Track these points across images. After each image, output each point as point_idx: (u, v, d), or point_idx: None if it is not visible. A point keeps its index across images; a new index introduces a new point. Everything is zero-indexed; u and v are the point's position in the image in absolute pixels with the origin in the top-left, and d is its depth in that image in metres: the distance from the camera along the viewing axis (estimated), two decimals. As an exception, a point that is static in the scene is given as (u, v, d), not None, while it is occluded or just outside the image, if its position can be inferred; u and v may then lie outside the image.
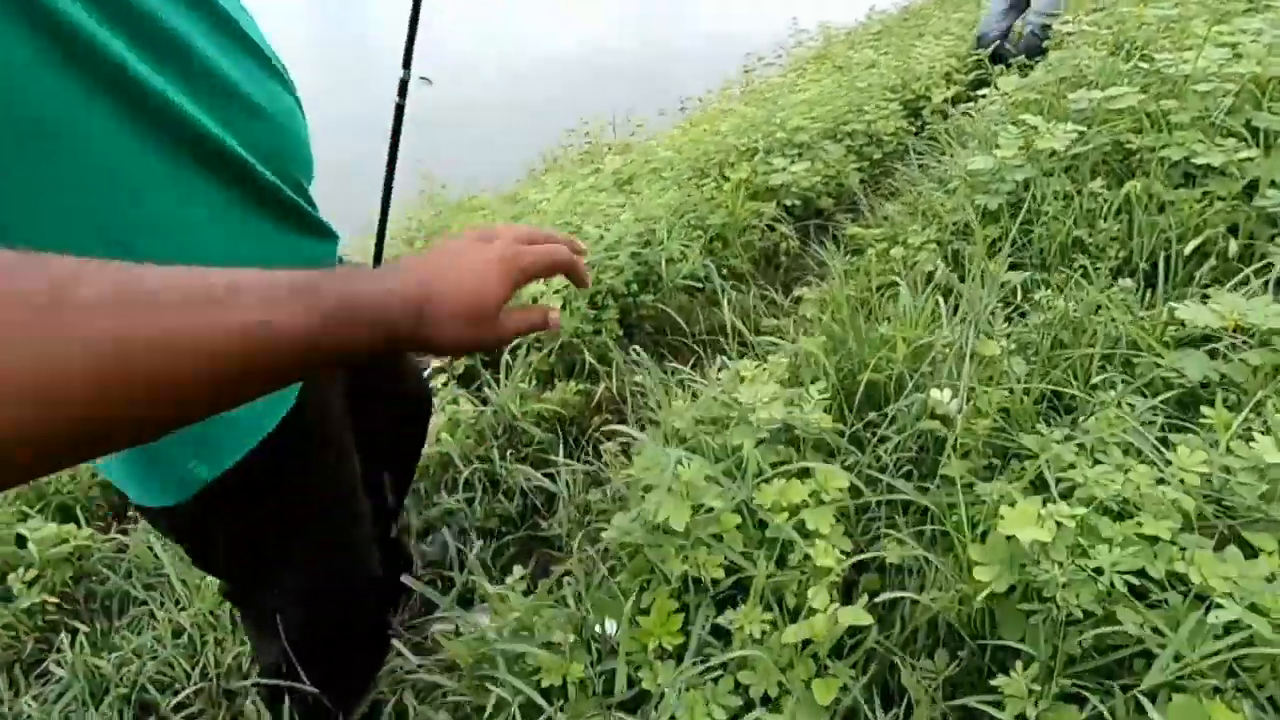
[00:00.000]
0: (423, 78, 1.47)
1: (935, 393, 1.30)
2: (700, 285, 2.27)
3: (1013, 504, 0.92)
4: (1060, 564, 0.85)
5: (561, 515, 1.57)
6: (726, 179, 2.65)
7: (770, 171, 2.60)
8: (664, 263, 2.18)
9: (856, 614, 0.91)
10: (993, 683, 0.87)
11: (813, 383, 1.42)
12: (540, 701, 0.95)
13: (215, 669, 1.40)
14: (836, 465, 1.20)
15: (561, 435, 1.81)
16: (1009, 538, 0.88)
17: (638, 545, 1.08)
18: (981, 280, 1.63)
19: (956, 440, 1.24)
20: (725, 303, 2.00)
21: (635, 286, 2.19)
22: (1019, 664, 0.86)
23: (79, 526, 1.65)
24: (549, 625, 1.02)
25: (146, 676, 1.38)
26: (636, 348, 1.83)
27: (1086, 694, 0.82)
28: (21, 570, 1.51)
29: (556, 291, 2.05)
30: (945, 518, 1.08)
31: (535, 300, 2.04)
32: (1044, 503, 0.91)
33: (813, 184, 2.64)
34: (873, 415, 1.45)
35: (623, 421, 1.87)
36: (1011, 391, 1.28)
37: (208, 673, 1.39)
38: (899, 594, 1.00)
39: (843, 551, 1.12)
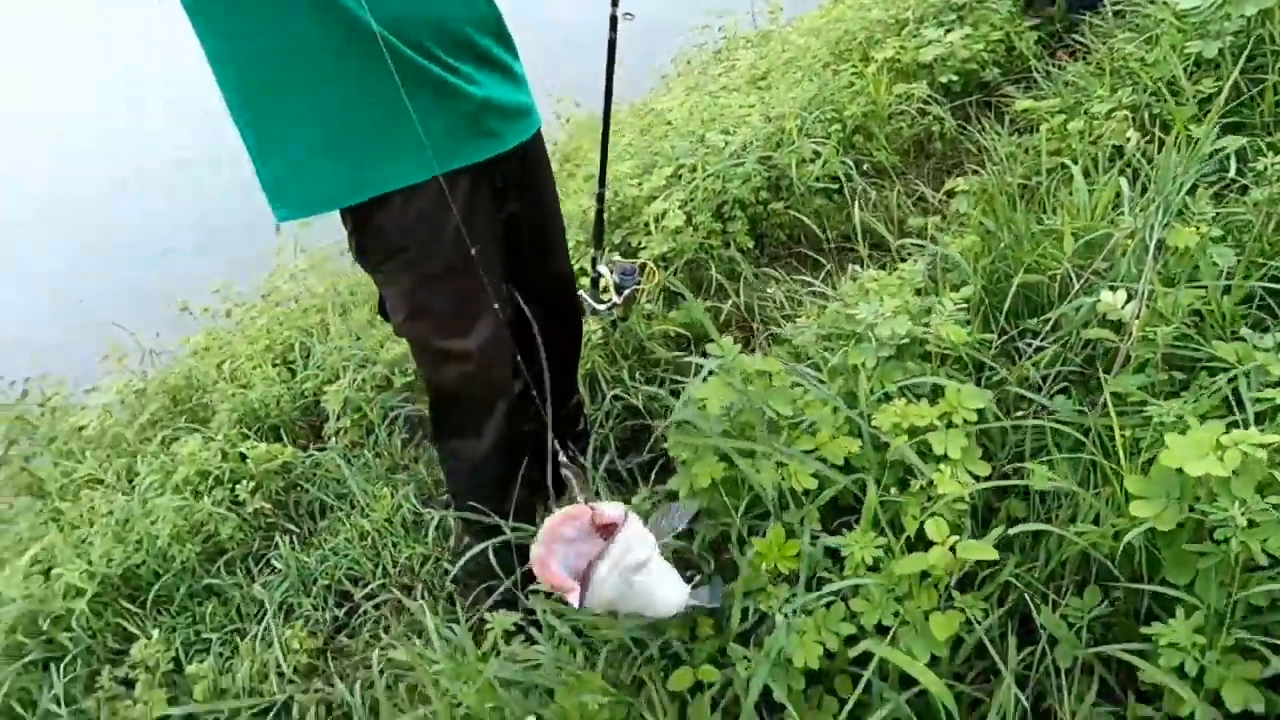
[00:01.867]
0: (627, 14, 1.54)
1: (1107, 295, 1.11)
2: (838, 186, 2.09)
3: (1184, 431, 0.77)
4: (1243, 501, 0.70)
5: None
6: (869, 60, 2.36)
7: (921, 46, 2.28)
8: (795, 164, 2.02)
9: (980, 548, 0.83)
10: (1145, 630, 0.76)
11: (954, 290, 1.27)
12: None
13: (393, 568, 1.61)
14: (972, 384, 1.08)
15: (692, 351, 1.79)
16: (1177, 471, 0.74)
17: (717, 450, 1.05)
18: (1181, 149, 1.34)
19: (1129, 351, 1.06)
20: (858, 205, 1.83)
21: (765, 194, 2.06)
22: (1180, 611, 0.75)
23: (284, 445, 1.94)
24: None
25: (342, 572, 1.63)
26: (763, 262, 1.75)
27: (1263, 651, 0.69)
28: (245, 481, 1.82)
29: (680, 206, 1.99)
30: (1104, 443, 0.94)
31: (658, 219, 1.99)
32: (1228, 428, 0.75)
33: (974, 53, 2.28)
34: (1031, 323, 1.27)
35: (750, 338, 1.81)
36: (1207, 290, 1.05)
37: (387, 571, 1.60)
38: (1040, 526, 0.90)
39: (976, 477, 1.02)
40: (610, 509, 0.87)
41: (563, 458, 1.03)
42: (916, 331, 1.14)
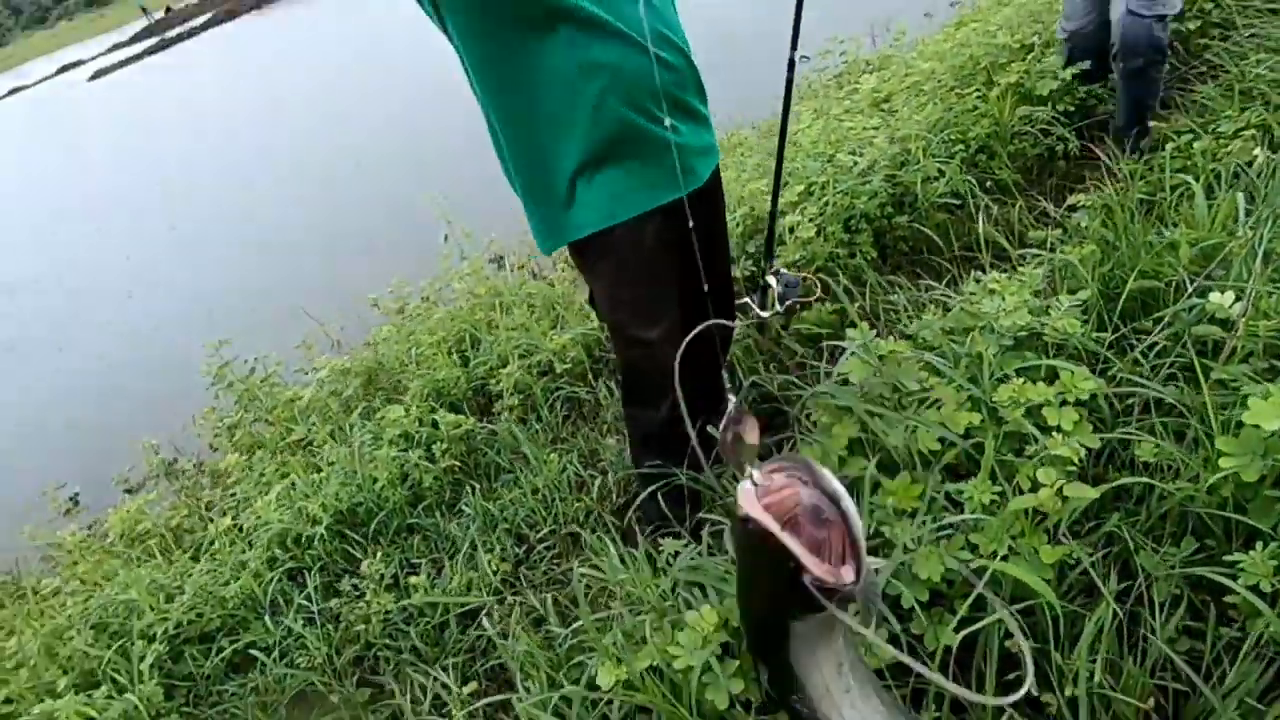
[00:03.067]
0: (803, 56, 1.72)
1: (1216, 295, 1.26)
2: (961, 202, 2.25)
3: (1268, 397, 0.93)
4: (1314, 453, 0.87)
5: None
6: (994, 84, 2.51)
7: (1043, 75, 2.41)
8: (920, 182, 2.21)
9: (1083, 489, 1.02)
10: (1228, 557, 0.93)
11: (1071, 293, 1.44)
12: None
13: (563, 519, 1.93)
14: (1086, 370, 1.25)
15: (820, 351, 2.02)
16: (1256, 427, 0.91)
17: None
18: (1300, 167, 1.45)
19: (1237, 344, 1.21)
20: (983, 218, 1.99)
21: (889, 209, 2.26)
22: (1259, 543, 0.91)
23: (465, 417, 2.32)
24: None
25: (520, 518, 1.96)
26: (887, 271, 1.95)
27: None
28: (439, 443, 2.20)
29: (811, 220, 2.22)
30: (1208, 419, 1.09)
31: (791, 230, 2.24)
32: (1306, 396, 0.91)
33: (1091, 89, 2.38)
34: (1144, 323, 1.42)
35: (878, 335, 2.01)
36: (1311, 290, 1.18)
37: (558, 520, 1.92)
38: (1140, 479, 1.07)
39: (1086, 447, 1.19)
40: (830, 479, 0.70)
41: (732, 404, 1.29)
42: (1035, 325, 1.32)
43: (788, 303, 1.96)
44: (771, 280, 1.94)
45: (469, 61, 1.28)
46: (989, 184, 2.31)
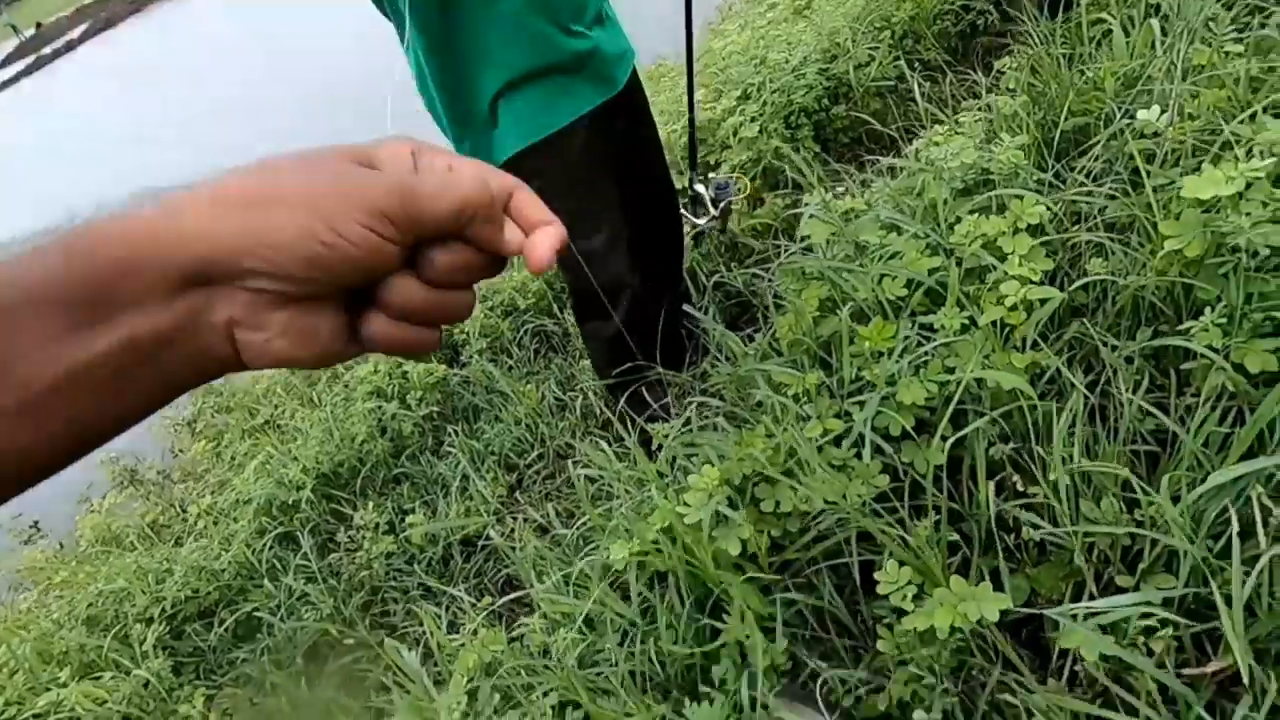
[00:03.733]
0: None
1: (1142, 113, 1.32)
2: (894, 86, 2.29)
3: (1199, 170, 0.99)
4: (1248, 214, 0.93)
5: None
6: (909, -29, 2.54)
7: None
8: (852, 70, 2.24)
9: (1049, 290, 1.08)
10: (1181, 326, 1.00)
11: (1011, 134, 1.49)
12: (789, 403, 1.27)
13: (550, 441, 1.94)
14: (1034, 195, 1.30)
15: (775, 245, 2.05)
16: (1201, 205, 0.97)
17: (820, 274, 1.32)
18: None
19: (1167, 149, 1.27)
20: (919, 94, 2.04)
21: (826, 101, 2.29)
22: (1208, 308, 0.98)
23: (436, 365, 2.30)
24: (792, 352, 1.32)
25: (507, 448, 1.97)
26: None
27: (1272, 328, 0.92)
28: (413, 393, 2.18)
29: (753, 119, 2.24)
30: (1152, 217, 1.16)
31: (735, 132, 2.24)
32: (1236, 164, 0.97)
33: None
34: (1077, 161, 1.48)
35: (829, 222, 2.05)
36: (1230, 89, 1.25)
37: (546, 442, 1.93)
38: (1097, 276, 1.13)
39: (1042, 270, 1.25)
40: None
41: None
42: (981, 163, 1.37)
43: (721, 204, 1.98)
44: (700, 188, 1.95)
45: None
46: (916, 64, 2.35)
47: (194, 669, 1.78)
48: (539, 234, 0.37)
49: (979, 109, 1.68)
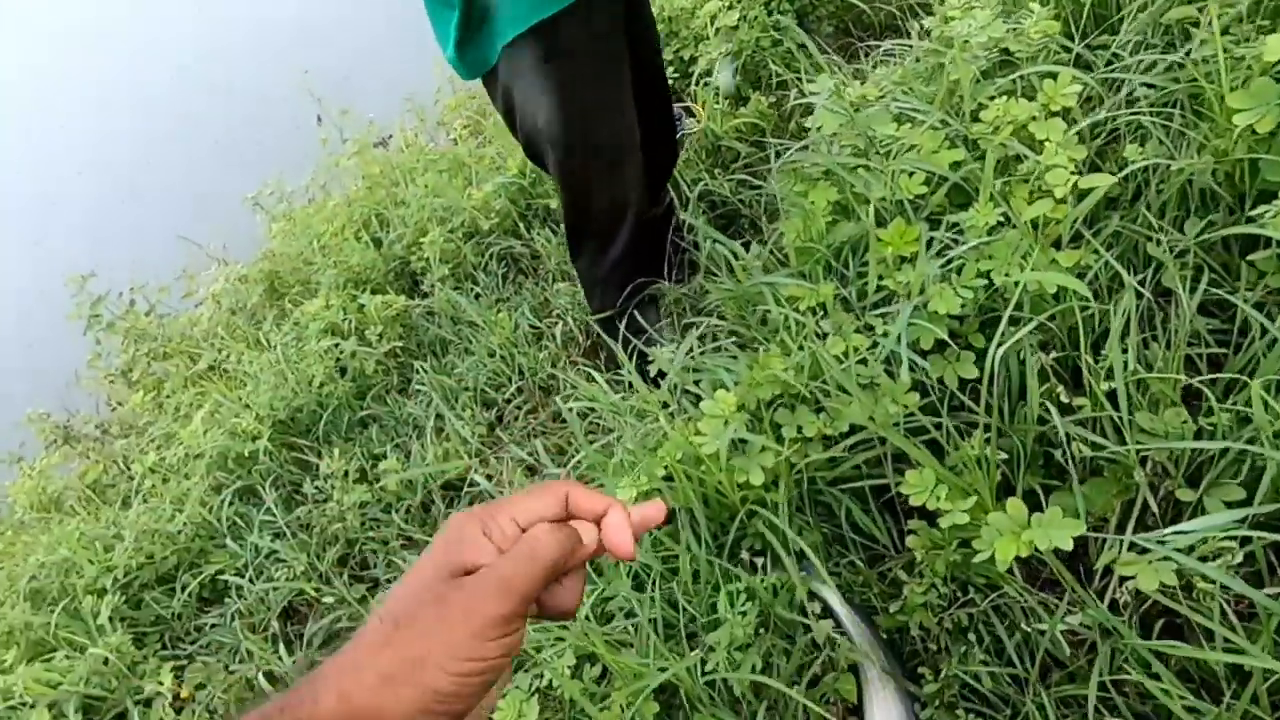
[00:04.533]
0: None
1: (1184, -26, 1.17)
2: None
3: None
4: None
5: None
6: None
7: None
8: (838, -53, 2.02)
9: (1098, 178, 0.96)
10: (1250, 214, 0.89)
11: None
12: (800, 318, 1.14)
13: (530, 374, 1.79)
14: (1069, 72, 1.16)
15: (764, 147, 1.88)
16: (1275, 73, 0.85)
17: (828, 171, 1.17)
18: None
19: (1218, 11, 1.14)
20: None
21: (809, -16, 2.07)
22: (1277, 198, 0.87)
23: (394, 296, 2.10)
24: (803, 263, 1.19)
25: (482, 383, 1.82)
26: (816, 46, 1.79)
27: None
28: (371, 329, 1.99)
29: (729, 7, 2.01)
30: (1212, 92, 1.03)
31: (713, 19, 2.02)
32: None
33: None
34: (1107, 39, 1.34)
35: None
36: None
37: (524, 375, 1.79)
38: (1147, 161, 1.01)
39: (1077, 160, 1.13)
40: None
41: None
42: (1009, 39, 1.21)
43: (678, 136, 1.79)
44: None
45: None
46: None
47: (158, 639, 1.64)
48: (611, 529, 0.42)
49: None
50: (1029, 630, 0.88)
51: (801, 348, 1.09)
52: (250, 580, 1.63)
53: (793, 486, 1.03)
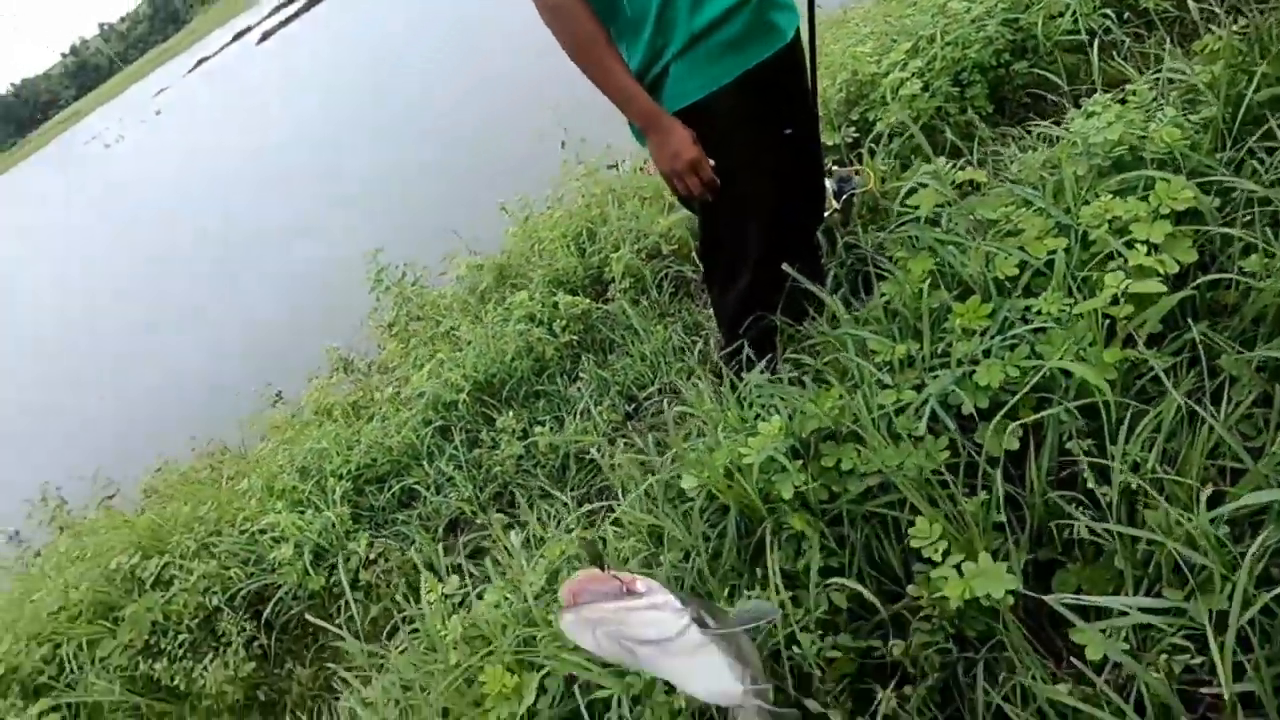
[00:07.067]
0: None
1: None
2: (1092, 39, 2.05)
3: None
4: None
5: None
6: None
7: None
8: (1040, 22, 2.04)
9: (1150, 285, 1.01)
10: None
11: (1188, 104, 1.34)
12: (870, 369, 1.31)
13: (666, 377, 2.10)
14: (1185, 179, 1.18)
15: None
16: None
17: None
18: None
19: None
20: (1114, 53, 1.83)
21: (1007, 56, 2.11)
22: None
23: (583, 298, 2.53)
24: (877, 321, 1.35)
25: (629, 381, 2.16)
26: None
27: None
28: (559, 321, 2.44)
29: (917, 76, 2.13)
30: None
31: (895, 89, 2.16)
32: None
33: None
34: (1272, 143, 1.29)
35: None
36: None
37: (660, 380, 2.10)
38: (1224, 275, 1.04)
39: (1179, 262, 1.15)
40: (641, 581, 0.79)
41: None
42: (1132, 140, 1.26)
43: (844, 197, 1.93)
44: (826, 182, 1.89)
45: None
46: (1127, 16, 2.08)
47: (367, 520, 2.22)
48: None
49: (1152, 76, 1.50)
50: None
51: (856, 393, 1.26)
52: (432, 494, 2.13)
53: (819, 508, 1.21)
